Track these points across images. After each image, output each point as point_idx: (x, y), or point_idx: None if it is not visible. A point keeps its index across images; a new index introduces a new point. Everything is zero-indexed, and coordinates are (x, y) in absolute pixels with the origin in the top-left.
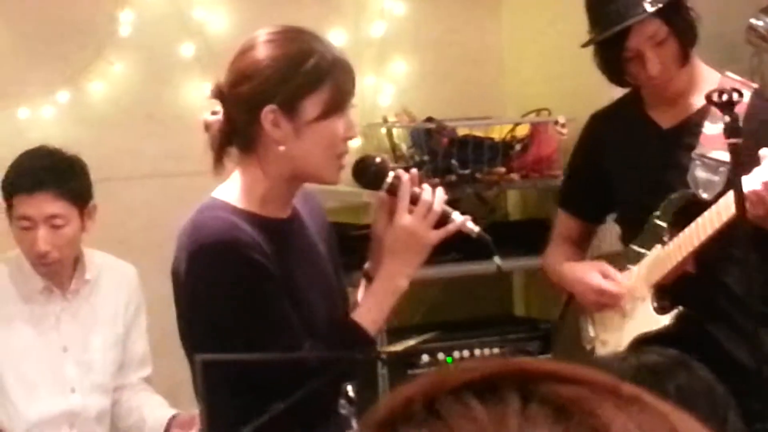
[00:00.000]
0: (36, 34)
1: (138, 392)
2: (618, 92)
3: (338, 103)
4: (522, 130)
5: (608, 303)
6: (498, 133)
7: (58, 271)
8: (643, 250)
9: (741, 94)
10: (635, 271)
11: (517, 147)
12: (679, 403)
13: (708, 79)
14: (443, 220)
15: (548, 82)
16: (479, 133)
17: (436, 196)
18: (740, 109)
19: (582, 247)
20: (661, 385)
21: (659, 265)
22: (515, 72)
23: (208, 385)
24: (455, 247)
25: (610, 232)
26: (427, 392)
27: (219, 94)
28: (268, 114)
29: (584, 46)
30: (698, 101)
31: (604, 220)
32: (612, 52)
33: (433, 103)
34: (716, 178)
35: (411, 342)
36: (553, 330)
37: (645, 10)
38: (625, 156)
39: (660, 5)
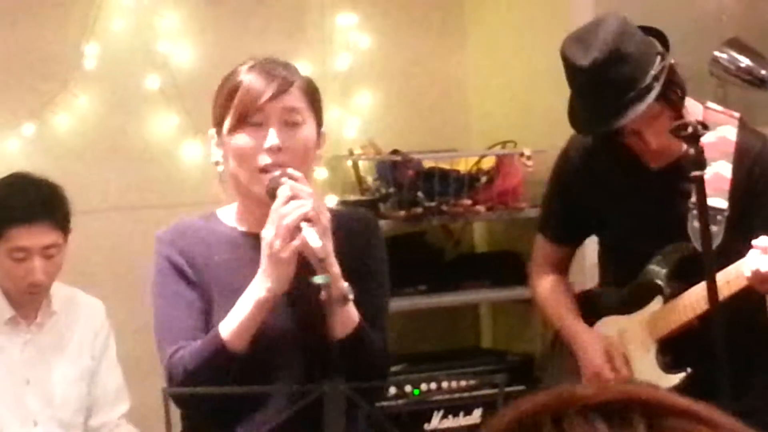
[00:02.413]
0: (0, 66)
1: (123, 430)
2: None
3: (241, 115)
4: (488, 163)
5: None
6: (464, 165)
7: (35, 301)
8: (640, 297)
9: (706, 127)
10: (638, 317)
11: (483, 179)
12: None
13: (692, 113)
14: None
15: (514, 114)
16: (445, 165)
17: (293, 209)
18: (728, 144)
19: (564, 270)
20: None
21: (665, 320)
22: (481, 104)
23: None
24: (422, 279)
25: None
26: (556, 408)
27: None
28: (210, 138)
29: (584, 133)
30: None
31: (583, 242)
32: (606, 135)
33: (399, 136)
34: (714, 228)
35: None
36: (541, 359)
37: (645, 99)
38: (610, 193)
39: (658, 88)
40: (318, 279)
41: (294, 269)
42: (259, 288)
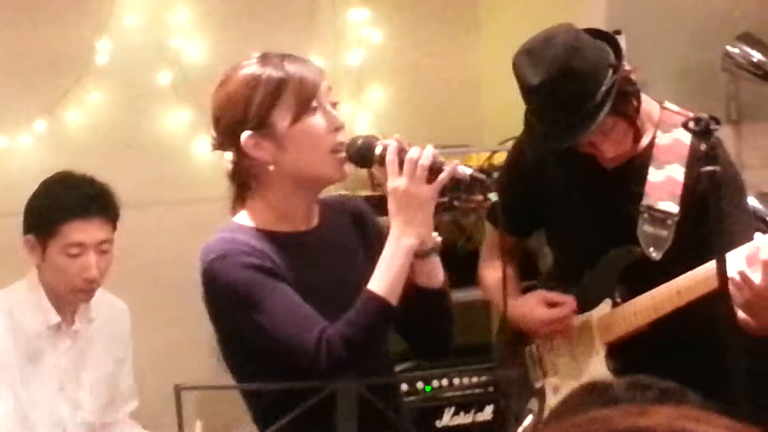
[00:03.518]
0: (13, 62)
1: (128, 428)
2: None
3: (304, 102)
4: (500, 158)
5: (560, 328)
6: (476, 160)
7: (83, 301)
8: (588, 297)
9: (718, 122)
10: (584, 318)
11: (495, 175)
12: None
13: (649, 114)
14: (437, 173)
15: None
16: (457, 161)
17: (423, 153)
18: (683, 147)
19: (513, 256)
20: None
21: (614, 325)
22: (493, 99)
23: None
24: None
25: None
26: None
27: (213, 143)
28: (248, 141)
29: (537, 148)
30: (642, 140)
31: (530, 235)
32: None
33: (411, 131)
34: (664, 233)
35: None
36: (495, 348)
37: (596, 116)
38: (560, 189)
39: (609, 104)
40: (493, 196)
41: None
42: (405, 238)
